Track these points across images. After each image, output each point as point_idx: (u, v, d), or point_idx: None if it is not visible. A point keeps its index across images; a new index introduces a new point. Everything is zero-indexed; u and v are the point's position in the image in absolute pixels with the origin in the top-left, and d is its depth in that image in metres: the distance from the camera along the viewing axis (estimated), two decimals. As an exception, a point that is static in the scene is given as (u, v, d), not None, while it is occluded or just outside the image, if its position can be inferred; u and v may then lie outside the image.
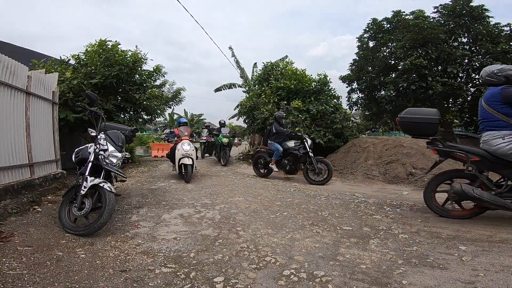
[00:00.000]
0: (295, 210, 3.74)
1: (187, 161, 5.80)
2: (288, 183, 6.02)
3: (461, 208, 3.31)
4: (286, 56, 14.29)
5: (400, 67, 10.31)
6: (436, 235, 2.76)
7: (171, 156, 6.50)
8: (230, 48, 17.03)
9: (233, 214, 3.51)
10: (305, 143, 6.23)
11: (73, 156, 3.31)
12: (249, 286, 1.84)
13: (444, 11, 10.96)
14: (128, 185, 5.38)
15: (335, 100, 9.92)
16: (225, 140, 9.21)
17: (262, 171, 7.01)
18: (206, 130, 12.28)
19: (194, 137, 6.99)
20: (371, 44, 12.67)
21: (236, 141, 10.84)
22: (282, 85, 9.62)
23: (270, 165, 6.58)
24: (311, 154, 6.14)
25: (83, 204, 2.77)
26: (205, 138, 11.74)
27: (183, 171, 5.88)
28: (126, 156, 3.73)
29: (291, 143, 6.44)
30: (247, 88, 16.46)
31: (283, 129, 6.69)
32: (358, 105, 13.47)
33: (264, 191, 5.01)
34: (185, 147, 5.88)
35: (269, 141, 6.71)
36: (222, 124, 10.43)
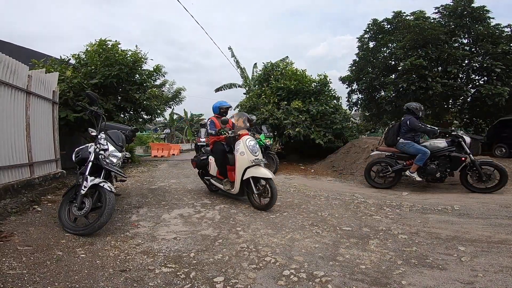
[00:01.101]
0: (294, 210, 3.74)
1: (266, 173, 3.60)
2: (288, 183, 6.02)
3: None
4: (287, 56, 14.33)
5: (400, 67, 10.32)
6: (436, 235, 2.77)
7: (217, 161, 4.26)
8: (230, 48, 17.07)
9: (233, 214, 3.52)
10: (462, 142, 4.87)
11: (73, 155, 3.31)
12: (249, 286, 1.84)
13: (445, 12, 10.98)
14: (128, 185, 5.38)
15: (335, 101, 9.94)
16: (267, 141, 7.42)
17: (381, 181, 5.43)
18: (205, 129, 10.38)
19: (256, 130, 4.35)
20: (371, 44, 12.68)
21: None
22: (282, 85, 9.63)
23: (408, 172, 5.09)
24: (472, 156, 4.85)
25: (83, 203, 2.78)
26: (204, 139, 9.67)
27: (254, 191, 3.72)
28: (126, 156, 3.74)
29: (441, 143, 5.02)
30: (247, 89, 16.48)
31: (426, 125, 5.17)
32: (358, 106, 13.48)
33: (264, 191, 5.01)
34: (253, 147, 3.79)
35: (401, 141, 5.20)
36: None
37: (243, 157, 3.77)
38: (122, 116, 8.58)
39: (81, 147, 3.32)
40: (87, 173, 2.85)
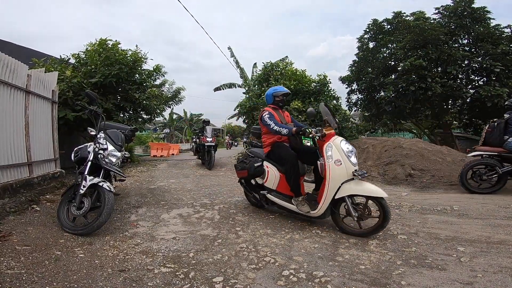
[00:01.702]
0: (294, 210, 3.73)
1: (377, 190, 2.68)
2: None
3: None
4: (286, 56, 14.34)
5: (400, 68, 10.34)
6: (435, 236, 2.77)
7: (288, 172, 3.11)
8: (229, 48, 17.04)
9: (232, 214, 3.51)
10: None
11: (73, 155, 3.30)
12: (248, 286, 1.84)
13: (445, 12, 11.01)
14: (127, 185, 5.37)
15: (334, 101, 9.93)
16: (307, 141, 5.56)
17: (482, 185, 4.82)
18: (211, 128, 9.25)
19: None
20: (371, 45, 12.72)
21: (227, 140, 9.15)
22: (281, 85, 9.63)
23: None
24: None
25: (82, 203, 2.77)
26: (211, 139, 8.68)
27: (352, 213, 2.74)
28: (126, 155, 3.72)
29: None
30: (246, 89, 16.49)
31: None
32: (358, 106, 13.50)
33: (263, 191, 5.00)
34: (351, 153, 2.82)
35: (510, 140, 4.62)
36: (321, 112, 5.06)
37: (340, 167, 2.73)
38: (122, 115, 8.56)
39: (80, 147, 3.31)
40: (86, 173, 2.84)
